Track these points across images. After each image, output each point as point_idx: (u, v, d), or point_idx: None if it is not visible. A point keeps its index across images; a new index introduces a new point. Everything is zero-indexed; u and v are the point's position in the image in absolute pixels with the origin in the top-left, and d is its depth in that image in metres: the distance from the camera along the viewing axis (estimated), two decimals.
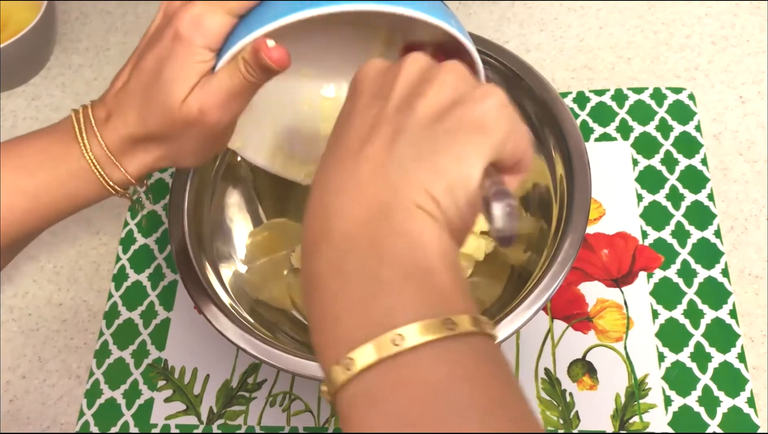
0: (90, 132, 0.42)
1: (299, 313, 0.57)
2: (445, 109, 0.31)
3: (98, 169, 0.42)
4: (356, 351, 0.27)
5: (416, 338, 0.27)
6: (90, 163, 0.42)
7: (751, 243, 0.57)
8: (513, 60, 0.55)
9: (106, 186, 0.43)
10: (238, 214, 0.59)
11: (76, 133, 0.42)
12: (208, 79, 0.40)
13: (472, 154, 0.30)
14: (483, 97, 0.31)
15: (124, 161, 0.43)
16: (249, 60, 0.39)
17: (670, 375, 0.53)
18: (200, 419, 0.57)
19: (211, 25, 0.39)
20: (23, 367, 0.62)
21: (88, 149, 0.42)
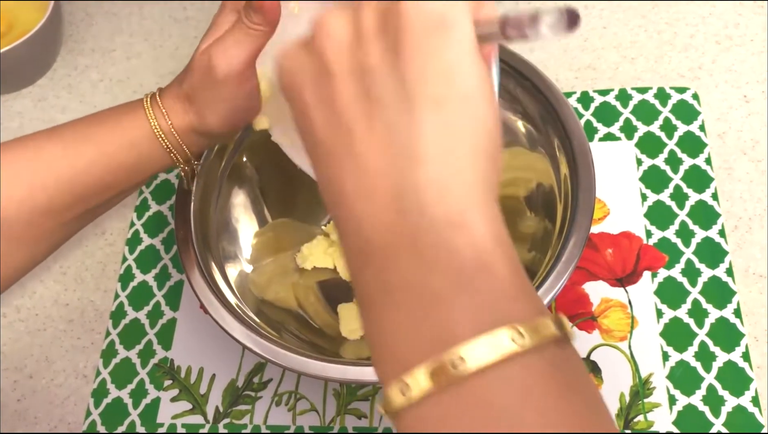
0: (154, 97, 0.47)
1: (304, 313, 0.57)
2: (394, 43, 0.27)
3: (152, 119, 0.46)
4: (411, 375, 0.24)
5: (478, 360, 0.23)
6: (146, 111, 0.47)
7: (756, 243, 0.57)
8: (517, 60, 0.55)
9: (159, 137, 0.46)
10: (243, 214, 0.59)
11: (144, 97, 0.48)
12: (224, 33, 0.45)
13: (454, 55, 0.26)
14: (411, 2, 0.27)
15: (171, 116, 0.47)
16: (245, 4, 0.43)
17: (674, 374, 0.53)
18: (206, 418, 0.57)
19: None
20: (30, 367, 0.62)
21: (148, 103, 0.47)
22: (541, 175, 0.55)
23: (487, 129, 0.27)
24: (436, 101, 0.26)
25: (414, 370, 0.24)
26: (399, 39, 0.27)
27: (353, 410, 0.56)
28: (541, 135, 0.54)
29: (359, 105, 0.27)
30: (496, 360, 0.23)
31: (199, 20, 0.80)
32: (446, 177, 0.26)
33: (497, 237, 0.26)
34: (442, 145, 0.26)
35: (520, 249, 0.55)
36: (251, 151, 0.59)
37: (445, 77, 0.26)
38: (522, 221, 0.56)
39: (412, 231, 0.26)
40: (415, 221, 0.26)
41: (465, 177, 0.26)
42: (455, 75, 0.26)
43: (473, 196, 0.26)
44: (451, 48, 0.26)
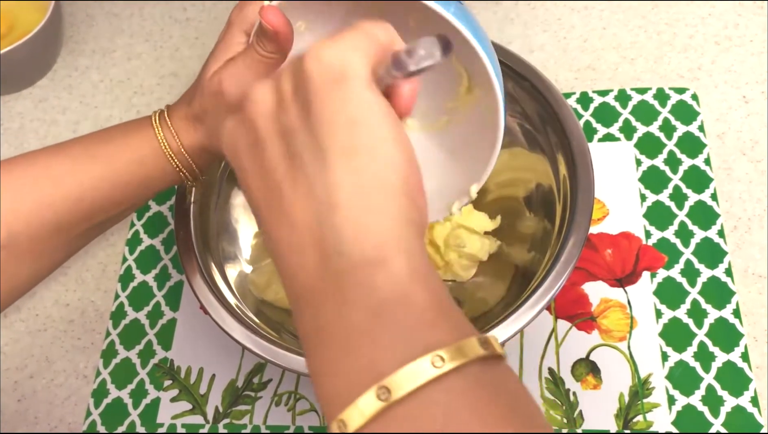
0: (162, 114, 0.47)
1: None
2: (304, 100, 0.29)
3: (162, 140, 0.46)
4: (346, 412, 0.25)
5: (402, 389, 0.24)
6: (155, 130, 0.46)
7: (755, 243, 0.57)
8: (516, 61, 0.55)
9: (168, 156, 0.46)
10: (243, 215, 0.59)
11: (152, 115, 0.48)
12: (235, 56, 0.44)
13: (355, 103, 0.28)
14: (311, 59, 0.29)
15: (181, 136, 0.47)
16: (257, 30, 0.42)
17: (673, 374, 0.53)
18: (206, 418, 0.58)
19: (249, 11, 0.44)
20: (31, 367, 0.63)
21: (157, 121, 0.47)
22: (541, 176, 0.55)
23: (398, 168, 0.28)
24: (345, 150, 0.28)
25: (347, 407, 0.25)
26: (307, 98, 0.29)
27: None
28: (541, 135, 0.54)
29: (284, 164, 0.29)
30: (419, 386, 0.24)
31: (200, 21, 0.80)
32: (361, 217, 0.27)
33: (415, 269, 0.27)
34: (355, 189, 0.28)
35: (520, 250, 0.55)
36: None
37: (350, 127, 0.28)
38: (521, 221, 0.56)
39: (335, 273, 0.27)
40: (336, 263, 0.27)
41: (379, 216, 0.27)
42: (359, 123, 0.28)
43: (388, 233, 0.27)
44: (351, 98, 0.28)
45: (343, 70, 0.28)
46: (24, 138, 0.76)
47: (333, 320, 0.27)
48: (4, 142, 0.76)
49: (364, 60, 0.29)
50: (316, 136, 0.28)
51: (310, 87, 0.28)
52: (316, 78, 0.28)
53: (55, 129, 0.76)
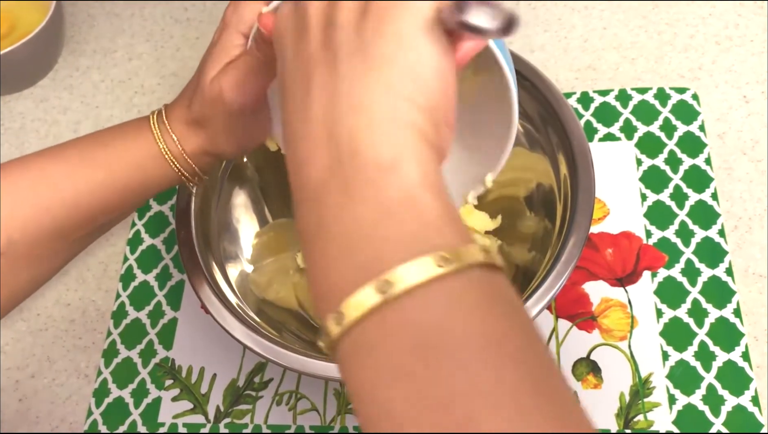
0: (160, 117, 0.46)
1: (306, 312, 0.57)
2: (364, 5, 0.29)
3: (162, 144, 0.45)
4: (344, 303, 0.26)
5: (404, 282, 0.25)
6: (155, 135, 0.45)
7: (755, 243, 0.57)
8: (517, 61, 0.55)
9: (169, 161, 0.46)
10: (244, 215, 0.59)
11: (150, 116, 0.47)
12: (234, 60, 0.43)
13: (410, 25, 0.28)
14: None
15: (182, 141, 0.46)
16: (256, 35, 0.41)
17: (674, 373, 0.53)
18: (207, 418, 0.58)
19: (245, 11, 0.42)
20: (32, 367, 0.63)
21: (155, 125, 0.46)
22: (541, 175, 0.55)
23: (430, 94, 0.29)
24: (383, 59, 0.28)
25: (346, 299, 0.26)
26: (369, 3, 0.29)
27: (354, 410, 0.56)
28: (541, 135, 0.55)
29: (321, 55, 0.30)
30: (422, 282, 0.25)
31: (201, 21, 0.80)
32: (381, 124, 0.28)
33: (427, 177, 0.27)
34: (381, 97, 0.28)
35: (520, 249, 0.55)
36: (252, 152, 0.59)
37: (397, 40, 0.28)
38: (522, 221, 0.56)
39: (344, 171, 0.28)
40: (349, 164, 0.28)
41: (400, 128, 0.28)
42: (407, 40, 0.28)
43: (406, 144, 0.28)
44: (409, 17, 0.28)
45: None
46: (25, 138, 0.76)
47: (338, 215, 0.27)
48: (5, 141, 0.76)
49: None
50: (362, 37, 0.29)
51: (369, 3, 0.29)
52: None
53: (56, 129, 0.76)
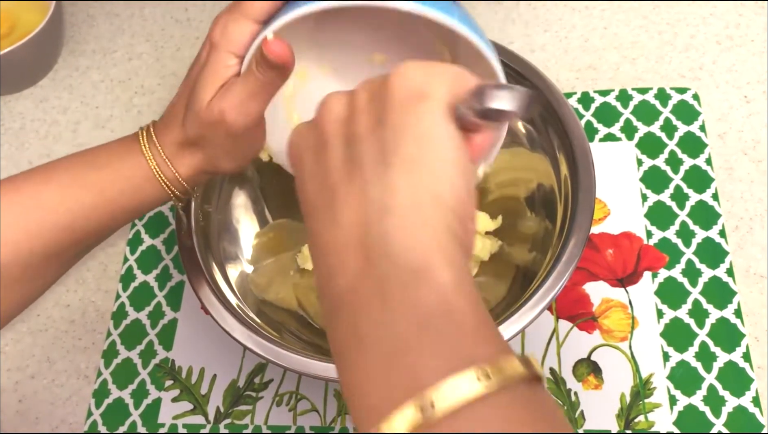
0: (149, 136, 0.46)
1: (305, 313, 0.57)
2: (380, 113, 0.30)
3: (155, 167, 0.45)
4: (386, 423, 0.25)
5: (446, 401, 0.24)
6: (147, 159, 0.45)
7: (756, 243, 0.57)
8: (517, 61, 0.55)
9: (163, 184, 0.45)
10: (244, 215, 0.59)
11: (139, 137, 0.46)
12: (231, 83, 0.42)
13: (429, 122, 0.29)
14: (400, 75, 0.30)
15: (176, 163, 0.45)
16: (258, 59, 0.41)
17: (675, 374, 0.53)
18: (207, 418, 0.58)
19: (235, 32, 0.41)
20: (32, 368, 0.63)
21: (147, 148, 0.45)
22: (542, 176, 0.55)
23: (456, 191, 0.29)
24: (408, 161, 0.28)
25: (387, 418, 0.25)
26: (384, 109, 0.30)
27: None
28: (542, 135, 0.54)
29: (344, 167, 0.30)
30: (465, 401, 0.24)
31: (201, 21, 0.80)
32: (412, 226, 0.28)
33: (460, 283, 0.27)
34: (410, 199, 0.28)
35: (521, 250, 0.55)
36: None
37: (419, 141, 0.28)
38: (522, 221, 0.56)
39: (379, 277, 0.27)
40: (382, 268, 0.27)
41: (430, 228, 0.28)
42: (428, 140, 0.28)
43: (437, 245, 0.27)
44: (426, 116, 0.29)
45: (426, 90, 0.29)
46: (25, 138, 0.76)
47: (374, 327, 0.27)
48: (5, 142, 0.76)
49: (446, 88, 0.29)
50: (383, 143, 0.29)
51: (388, 99, 0.29)
52: (396, 91, 0.29)
53: (56, 129, 0.76)
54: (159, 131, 0.46)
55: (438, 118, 0.29)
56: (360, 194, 0.29)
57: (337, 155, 0.30)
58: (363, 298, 0.27)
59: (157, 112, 0.75)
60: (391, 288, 0.27)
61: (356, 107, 0.31)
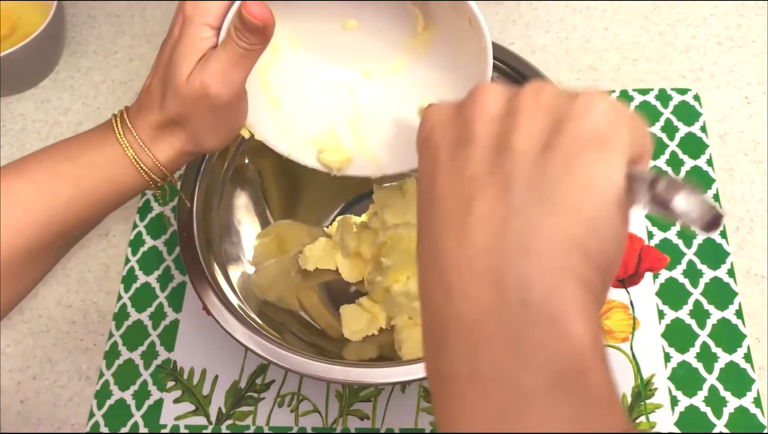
0: (124, 123, 0.45)
1: (307, 314, 0.57)
2: (549, 136, 0.27)
3: (132, 155, 0.44)
4: None
5: None
6: (124, 147, 0.44)
7: (757, 244, 0.57)
8: (518, 61, 0.55)
9: (141, 171, 0.45)
10: (246, 216, 0.59)
11: (113, 124, 0.45)
12: (209, 54, 0.41)
13: (603, 174, 0.26)
14: (587, 105, 0.27)
15: (154, 148, 0.45)
16: (237, 25, 0.40)
17: (676, 375, 0.53)
18: (209, 419, 0.58)
19: (207, 3, 0.41)
20: (34, 368, 0.63)
21: (122, 135, 0.44)
22: None
23: (605, 250, 0.26)
24: (566, 205, 0.26)
25: None
26: (557, 134, 0.26)
27: (356, 411, 0.56)
28: None
29: (489, 178, 0.27)
30: None
31: None
32: (554, 273, 0.25)
33: (596, 343, 0.25)
34: (556, 246, 0.25)
35: None
36: (253, 153, 0.59)
37: (584, 188, 0.26)
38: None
39: (511, 319, 0.25)
40: (516, 310, 0.25)
41: (573, 281, 0.25)
42: (594, 190, 0.26)
43: (577, 298, 0.25)
44: (601, 166, 0.26)
45: (609, 138, 0.26)
46: (26, 139, 0.76)
47: (499, 374, 0.24)
48: (6, 143, 0.76)
49: (629, 142, 0.27)
50: (544, 174, 0.26)
51: (565, 129, 0.26)
52: (577, 124, 0.26)
53: (57, 130, 0.76)
54: (133, 116, 0.45)
55: (612, 173, 0.26)
56: (502, 219, 0.26)
57: (482, 160, 0.27)
58: (489, 337, 0.25)
59: None
60: (524, 335, 0.24)
61: (519, 113, 0.27)
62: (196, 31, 0.41)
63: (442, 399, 0.26)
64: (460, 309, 0.26)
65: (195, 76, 0.41)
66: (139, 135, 0.44)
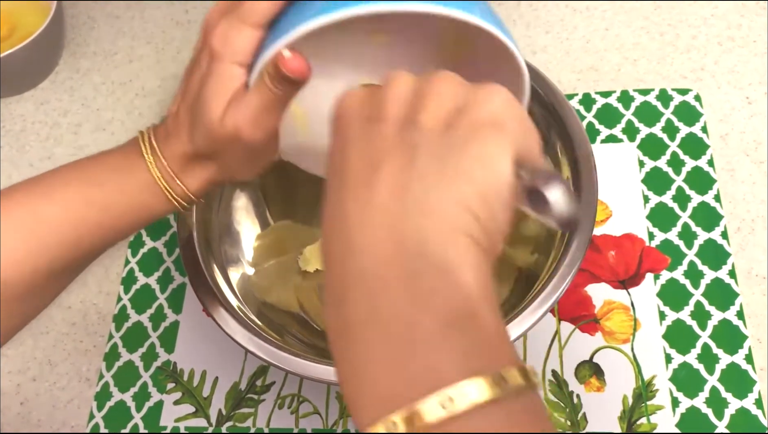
0: (153, 149, 0.43)
1: (307, 315, 0.57)
2: (452, 118, 0.30)
3: (164, 183, 0.43)
4: (400, 414, 0.25)
5: (465, 401, 0.25)
6: (155, 177, 0.43)
7: (758, 244, 0.57)
8: None
9: (172, 200, 0.44)
10: (245, 217, 0.59)
11: (141, 149, 0.43)
12: (241, 96, 0.40)
13: (496, 152, 0.29)
14: (488, 96, 0.30)
15: (184, 177, 0.44)
16: (272, 73, 0.39)
17: (677, 376, 0.53)
18: (209, 421, 0.57)
19: (237, 40, 0.39)
20: (33, 370, 0.62)
21: (153, 164, 0.43)
22: None
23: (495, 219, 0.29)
24: (462, 174, 0.28)
25: (404, 409, 0.25)
26: (458, 117, 0.30)
27: None
28: (543, 137, 0.54)
29: (396, 150, 0.29)
30: (481, 402, 0.25)
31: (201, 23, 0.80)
32: (449, 232, 0.28)
33: (484, 288, 0.28)
34: (450, 208, 0.28)
35: (523, 252, 0.55)
36: None
37: (480, 161, 0.29)
38: (524, 224, 0.56)
39: (408, 269, 0.27)
40: (413, 261, 0.27)
41: (466, 240, 0.28)
42: (488, 164, 0.29)
43: (468, 253, 0.28)
44: (495, 145, 0.29)
45: (503, 124, 0.30)
46: (25, 140, 0.76)
47: (397, 316, 0.27)
48: (6, 144, 0.76)
49: (520, 135, 0.30)
50: (446, 148, 0.29)
51: (466, 111, 0.30)
52: (477, 108, 0.30)
53: (57, 131, 0.76)
54: (162, 143, 0.44)
55: (503, 153, 0.29)
56: (404, 183, 0.29)
57: (391, 134, 0.30)
58: (388, 284, 0.27)
59: (158, 113, 0.75)
60: (421, 282, 0.27)
61: (427, 97, 0.30)
62: (226, 69, 0.40)
63: (344, 348, 0.28)
64: (362, 263, 0.28)
65: (228, 118, 0.40)
66: (170, 164, 0.43)
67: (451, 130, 0.29)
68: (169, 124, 0.44)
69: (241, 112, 0.40)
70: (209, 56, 0.41)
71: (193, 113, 0.42)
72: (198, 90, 0.41)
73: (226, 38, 0.40)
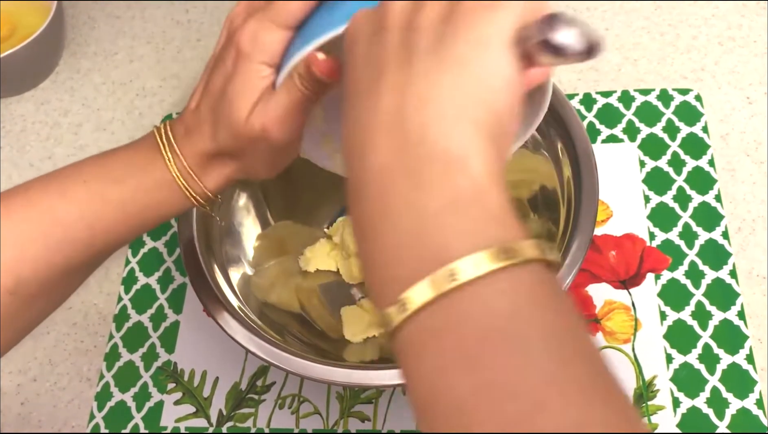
0: (171, 146, 0.43)
1: (307, 316, 0.57)
2: (448, 12, 0.30)
3: (182, 181, 0.43)
4: (410, 290, 0.26)
5: (473, 271, 0.25)
6: (174, 175, 0.43)
7: (759, 244, 0.57)
8: None
9: (191, 197, 0.44)
10: (246, 217, 0.59)
11: (159, 146, 0.43)
12: (268, 95, 0.40)
13: (489, 32, 0.29)
14: None
15: (203, 174, 0.43)
16: (303, 74, 0.39)
17: (678, 376, 0.53)
18: (210, 421, 0.57)
19: (266, 41, 0.39)
20: (34, 370, 0.62)
21: (172, 162, 0.43)
22: (544, 178, 0.54)
23: (498, 101, 0.29)
24: (458, 60, 0.29)
25: (414, 285, 0.26)
26: (452, 9, 0.30)
27: (356, 413, 0.56)
28: (544, 137, 0.54)
29: (397, 55, 0.30)
30: (488, 271, 0.26)
31: (202, 23, 0.80)
32: (452, 120, 0.28)
33: (491, 172, 0.28)
34: (450, 94, 0.29)
35: None
36: None
37: (475, 46, 0.29)
38: (525, 223, 0.56)
39: (412, 158, 0.28)
40: (417, 151, 0.28)
41: (470, 126, 0.28)
42: (484, 47, 0.29)
43: (473, 139, 0.28)
44: (491, 25, 0.29)
45: (499, 2, 0.30)
46: (26, 140, 0.76)
47: (404, 204, 0.28)
48: (6, 144, 0.76)
49: (520, 9, 0.30)
50: (440, 38, 0.29)
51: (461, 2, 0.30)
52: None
53: (57, 131, 0.76)
54: (180, 140, 0.43)
55: (501, 32, 0.29)
56: (405, 81, 0.29)
57: (393, 41, 0.31)
58: (395, 176, 0.28)
59: (159, 114, 0.75)
60: (424, 170, 0.28)
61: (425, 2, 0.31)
62: (254, 69, 0.40)
63: (362, 240, 0.29)
64: (372, 160, 0.29)
65: (255, 118, 0.40)
66: (189, 162, 0.43)
67: (447, 23, 0.30)
68: (189, 121, 0.43)
69: (269, 112, 0.40)
70: (236, 55, 0.40)
71: (217, 111, 0.41)
72: (222, 88, 0.41)
73: (256, 38, 0.39)
